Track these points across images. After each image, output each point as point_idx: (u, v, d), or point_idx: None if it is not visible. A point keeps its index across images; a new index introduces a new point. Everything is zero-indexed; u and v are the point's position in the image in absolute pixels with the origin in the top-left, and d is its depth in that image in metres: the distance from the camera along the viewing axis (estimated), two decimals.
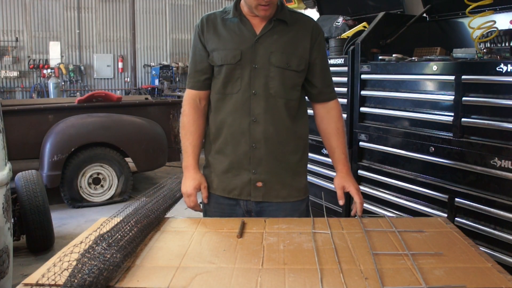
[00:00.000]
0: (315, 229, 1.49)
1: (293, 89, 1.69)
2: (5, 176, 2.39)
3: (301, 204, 1.76)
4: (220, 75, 1.68)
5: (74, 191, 4.84)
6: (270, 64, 1.64)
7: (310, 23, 1.72)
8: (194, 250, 1.34)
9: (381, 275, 1.15)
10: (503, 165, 2.00)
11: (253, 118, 1.65)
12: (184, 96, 1.78)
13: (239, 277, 1.16)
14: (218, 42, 1.68)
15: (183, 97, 1.78)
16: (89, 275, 1.05)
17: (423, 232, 1.47)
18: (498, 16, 2.57)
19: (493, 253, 2.04)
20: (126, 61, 11.73)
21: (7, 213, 2.42)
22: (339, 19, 3.52)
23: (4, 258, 2.33)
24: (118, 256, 1.17)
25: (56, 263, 1.12)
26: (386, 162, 2.69)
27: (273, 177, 1.69)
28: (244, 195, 1.70)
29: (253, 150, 1.66)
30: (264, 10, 1.59)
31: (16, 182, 3.58)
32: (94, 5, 11.33)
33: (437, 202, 2.36)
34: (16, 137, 4.60)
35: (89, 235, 1.29)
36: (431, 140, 2.36)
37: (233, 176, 1.70)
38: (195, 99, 1.75)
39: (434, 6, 3.08)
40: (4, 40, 10.54)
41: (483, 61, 2.16)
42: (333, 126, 1.75)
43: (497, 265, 1.22)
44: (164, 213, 1.67)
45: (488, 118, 2.10)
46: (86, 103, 5.26)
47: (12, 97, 10.60)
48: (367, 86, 2.83)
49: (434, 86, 2.39)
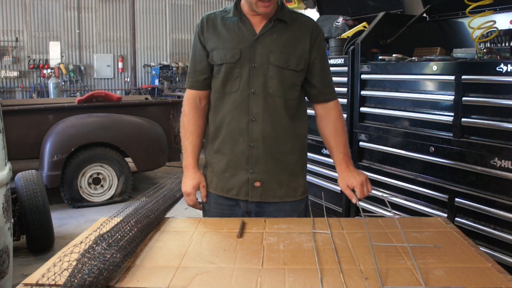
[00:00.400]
0: (315, 229, 1.49)
1: (291, 89, 1.69)
2: (5, 176, 2.40)
3: (299, 205, 1.75)
4: (220, 74, 1.68)
5: (74, 191, 4.85)
6: (269, 63, 1.64)
7: (310, 23, 1.72)
8: (194, 250, 1.34)
9: (381, 275, 1.15)
10: (503, 165, 2.00)
11: (251, 117, 1.65)
12: (184, 96, 1.79)
13: (239, 277, 1.16)
14: (217, 41, 1.68)
15: (184, 97, 1.79)
16: (89, 275, 1.05)
17: (423, 232, 1.47)
18: (498, 16, 2.57)
19: (493, 253, 2.04)
20: (126, 61, 11.74)
21: (7, 213, 2.42)
22: (339, 19, 3.52)
23: (4, 258, 2.33)
24: (118, 256, 1.17)
25: (56, 263, 1.12)
26: (386, 162, 2.69)
27: (271, 177, 1.69)
28: (242, 195, 1.70)
29: (251, 149, 1.66)
30: (265, 7, 1.59)
31: (16, 182, 3.58)
32: (94, 5, 11.34)
33: (437, 202, 2.36)
34: (16, 137, 4.60)
35: (89, 235, 1.29)
36: (431, 140, 2.36)
37: (231, 175, 1.70)
38: (195, 99, 1.75)
39: (434, 6, 3.08)
40: (4, 40, 10.55)
41: (483, 61, 2.16)
42: (331, 126, 1.74)
43: (497, 265, 1.22)
44: (164, 213, 1.67)
45: (488, 118, 2.10)
46: (86, 103, 5.26)
47: (12, 97, 10.61)
48: (367, 86, 2.83)
49: (434, 86, 2.39)
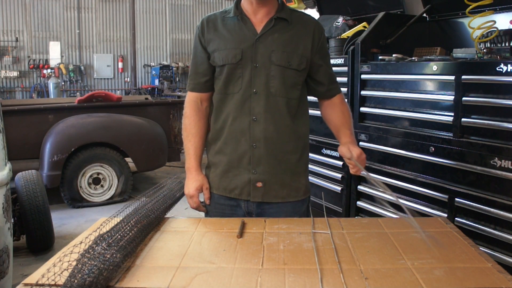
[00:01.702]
0: (315, 229, 1.49)
1: (293, 88, 1.69)
2: (5, 176, 2.40)
3: (301, 206, 1.75)
4: (222, 75, 1.68)
5: (74, 191, 4.85)
6: (271, 62, 1.64)
7: (311, 22, 1.72)
8: (194, 250, 1.34)
9: (381, 275, 1.15)
10: (503, 165, 2.00)
11: (253, 117, 1.65)
12: (185, 98, 1.79)
13: (239, 277, 1.16)
14: (219, 42, 1.68)
15: (185, 99, 1.79)
16: (89, 275, 1.05)
17: (423, 232, 1.46)
18: (498, 16, 2.57)
19: (493, 253, 2.04)
20: (126, 61, 11.74)
21: (7, 213, 2.42)
22: (339, 19, 3.52)
23: (4, 258, 2.33)
24: (118, 256, 1.17)
25: (56, 263, 1.12)
26: (386, 162, 2.68)
27: (273, 177, 1.68)
28: (244, 195, 1.69)
29: (253, 150, 1.66)
30: None
31: (16, 182, 3.58)
32: (94, 5, 11.35)
33: (437, 202, 2.36)
34: (16, 137, 4.60)
35: (89, 235, 1.29)
36: (431, 140, 2.36)
37: (233, 176, 1.70)
38: (196, 101, 1.75)
39: (434, 6, 3.08)
40: (4, 40, 10.55)
41: (483, 61, 2.16)
42: (338, 110, 1.77)
43: (497, 265, 1.22)
44: (164, 213, 1.67)
45: (488, 118, 2.09)
46: (86, 103, 5.26)
47: (12, 97, 10.61)
48: (367, 86, 2.83)
49: (434, 86, 2.39)
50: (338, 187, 3.01)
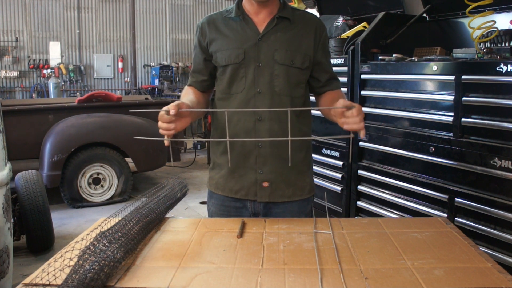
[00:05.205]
0: (315, 229, 1.49)
1: (297, 87, 1.68)
2: (5, 176, 2.40)
3: (307, 205, 1.75)
4: (225, 75, 1.67)
5: (74, 191, 4.85)
6: (274, 61, 1.63)
7: (313, 20, 1.72)
8: (194, 250, 1.34)
9: (381, 275, 1.15)
10: (503, 165, 2.00)
11: (258, 116, 1.64)
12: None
13: (239, 277, 1.16)
14: (221, 43, 1.67)
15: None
16: (90, 271, 1.05)
17: (423, 232, 1.46)
18: (498, 16, 2.57)
19: (493, 253, 2.04)
20: (126, 61, 11.74)
21: (7, 213, 2.42)
22: (339, 19, 3.52)
23: (4, 258, 2.33)
24: (118, 253, 1.17)
25: (57, 258, 1.12)
26: (386, 162, 2.69)
27: (279, 177, 1.68)
28: (251, 195, 1.69)
29: (259, 149, 1.66)
30: None
31: (16, 182, 3.58)
32: (94, 5, 11.34)
33: (437, 202, 2.36)
34: (16, 137, 4.61)
35: (90, 233, 1.29)
36: (431, 140, 2.36)
37: (239, 176, 1.69)
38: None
39: (434, 6, 3.08)
40: (4, 40, 10.55)
41: (483, 61, 2.16)
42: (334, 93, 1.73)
43: (497, 265, 1.22)
44: (165, 213, 1.67)
45: (488, 118, 2.10)
46: (86, 103, 5.27)
47: (12, 97, 10.61)
48: (367, 86, 2.83)
49: (434, 86, 2.39)
50: (338, 187, 3.01)
